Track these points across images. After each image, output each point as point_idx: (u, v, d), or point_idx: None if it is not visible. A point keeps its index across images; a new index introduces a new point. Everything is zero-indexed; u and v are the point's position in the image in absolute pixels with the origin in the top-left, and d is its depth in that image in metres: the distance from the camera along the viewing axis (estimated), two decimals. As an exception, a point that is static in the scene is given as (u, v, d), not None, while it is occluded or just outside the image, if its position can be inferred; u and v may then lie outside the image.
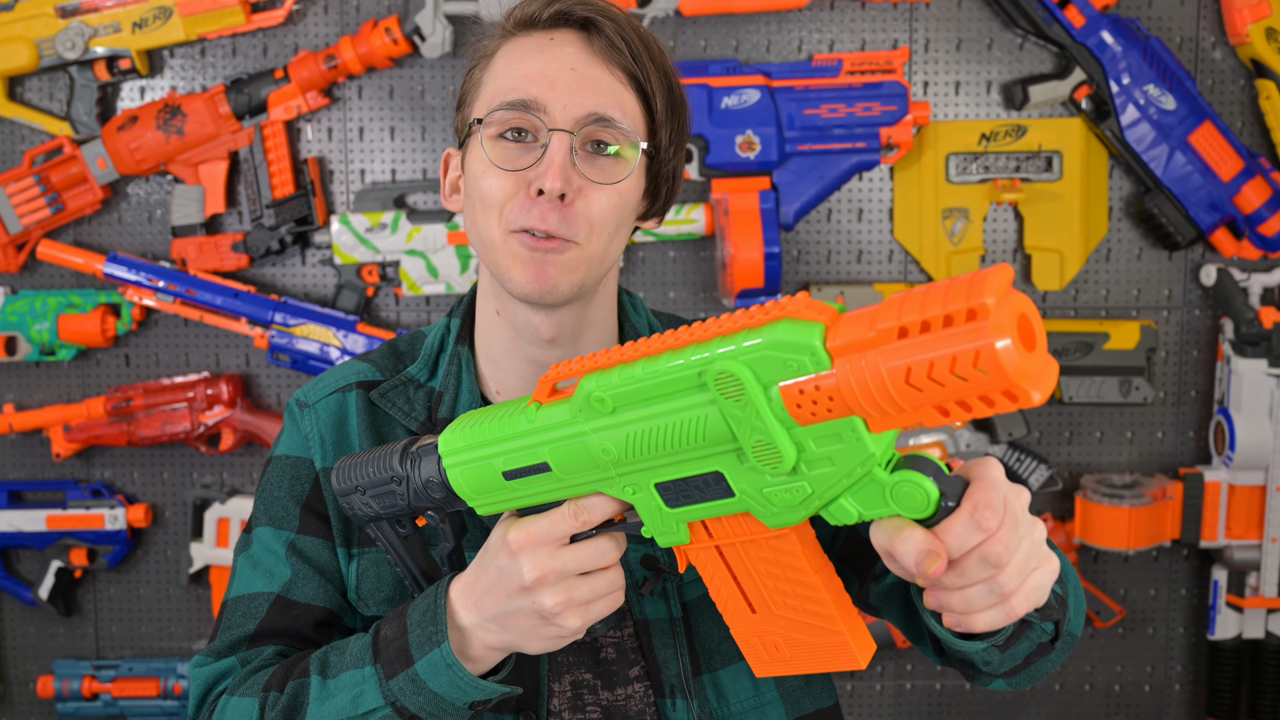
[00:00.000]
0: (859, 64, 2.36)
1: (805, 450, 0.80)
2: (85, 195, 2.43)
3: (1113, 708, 2.61)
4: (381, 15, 2.41)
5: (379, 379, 1.19)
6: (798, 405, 0.78)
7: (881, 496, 0.80)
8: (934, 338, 0.70)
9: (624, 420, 0.86)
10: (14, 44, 2.38)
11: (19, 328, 2.46)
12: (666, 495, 0.89)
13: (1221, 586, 2.46)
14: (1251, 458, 2.37)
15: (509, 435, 0.92)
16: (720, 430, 0.82)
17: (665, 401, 0.84)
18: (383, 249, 2.41)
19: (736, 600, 0.92)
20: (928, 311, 0.70)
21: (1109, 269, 2.50)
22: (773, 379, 0.78)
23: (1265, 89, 2.37)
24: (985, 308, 0.68)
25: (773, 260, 2.31)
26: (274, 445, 1.22)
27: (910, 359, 0.71)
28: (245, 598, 1.15)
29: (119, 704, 2.54)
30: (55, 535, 2.51)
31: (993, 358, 0.68)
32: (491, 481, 0.95)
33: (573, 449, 0.89)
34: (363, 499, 1.02)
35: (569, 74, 1.06)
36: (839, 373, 0.75)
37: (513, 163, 1.07)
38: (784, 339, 0.77)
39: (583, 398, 0.87)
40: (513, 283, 1.08)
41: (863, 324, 0.75)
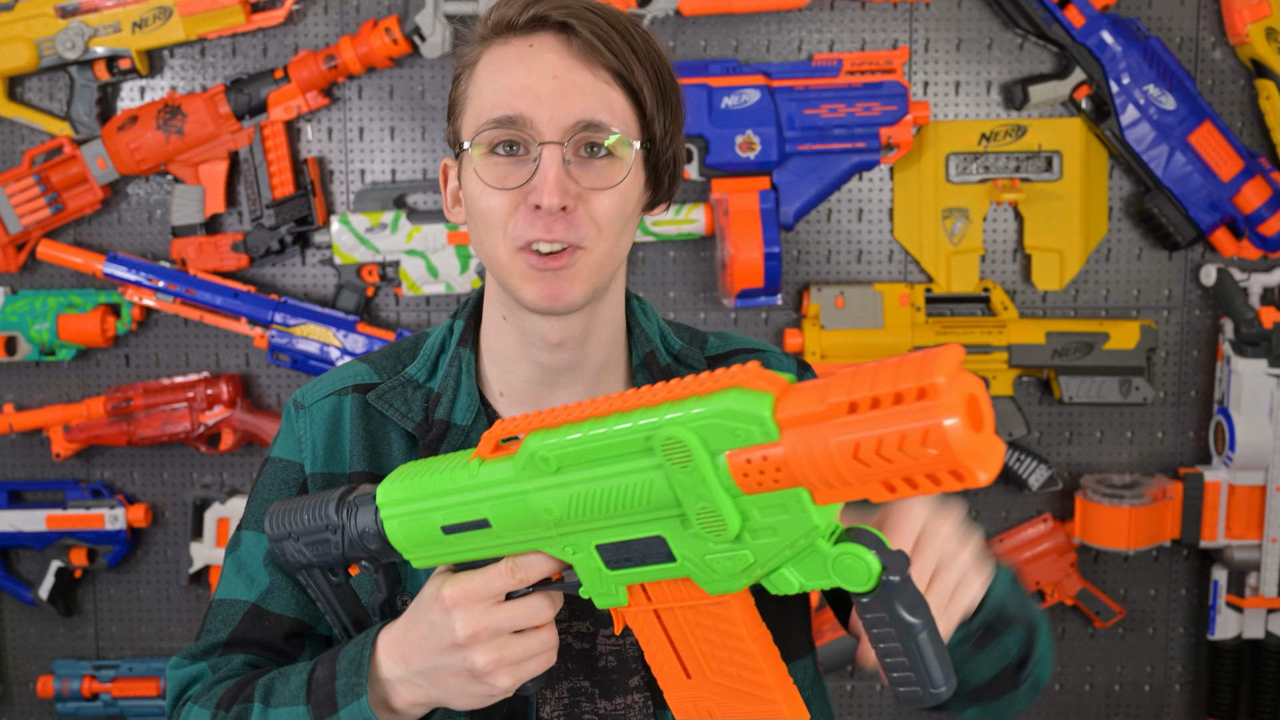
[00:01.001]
0: (859, 64, 2.36)
1: (749, 519, 0.80)
2: (85, 195, 2.43)
3: (1113, 708, 2.61)
4: (381, 15, 2.41)
5: (376, 381, 1.18)
6: (744, 475, 0.78)
7: (824, 568, 0.80)
8: (884, 414, 0.71)
9: (568, 481, 0.86)
10: (14, 44, 2.38)
11: (19, 328, 2.46)
12: (607, 557, 0.88)
13: (1221, 586, 2.46)
14: (1251, 458, 2.37)
15: (450, 490, 0.92)
16: (665, 495, 0.82)
17: (611, 464, 0.84)
18: (383, 249, 2.41)
19: (672, 664, 0.92)
20: (879, 388, 0.71)
21: (1109, 269, 2.50)
22: (720, 447, 0.78)
23: (1265, 89, 2.37)
24: (935, 387, 0.69)
25: (773, 260, 2.31)
26: (271, 446, 1.21)
27: (859, 434, 0.72)
28: (226, 603, 1.16)
29: (119, 704, 2.54)
30: (55, 535, 2.51)
31: (941, 437, 0.69)
32: (429, 535, 0.94)
33: (514, 507, 0.89)
34: (295, 546, 1.01)
35: (552, 83, 1.04)
36: (787, 444, 0.75)
37: (508, 180, 1.05)
38: (733, 408, 0.77)
39: (527, 456, 0.87)
40: (524, 298, 1.07)
41: (813, 397, 0.75)
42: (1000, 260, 2.49)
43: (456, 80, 1.12)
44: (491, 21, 1.09)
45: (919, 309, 2.43)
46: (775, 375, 0.79)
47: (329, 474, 1.15)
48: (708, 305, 2.50)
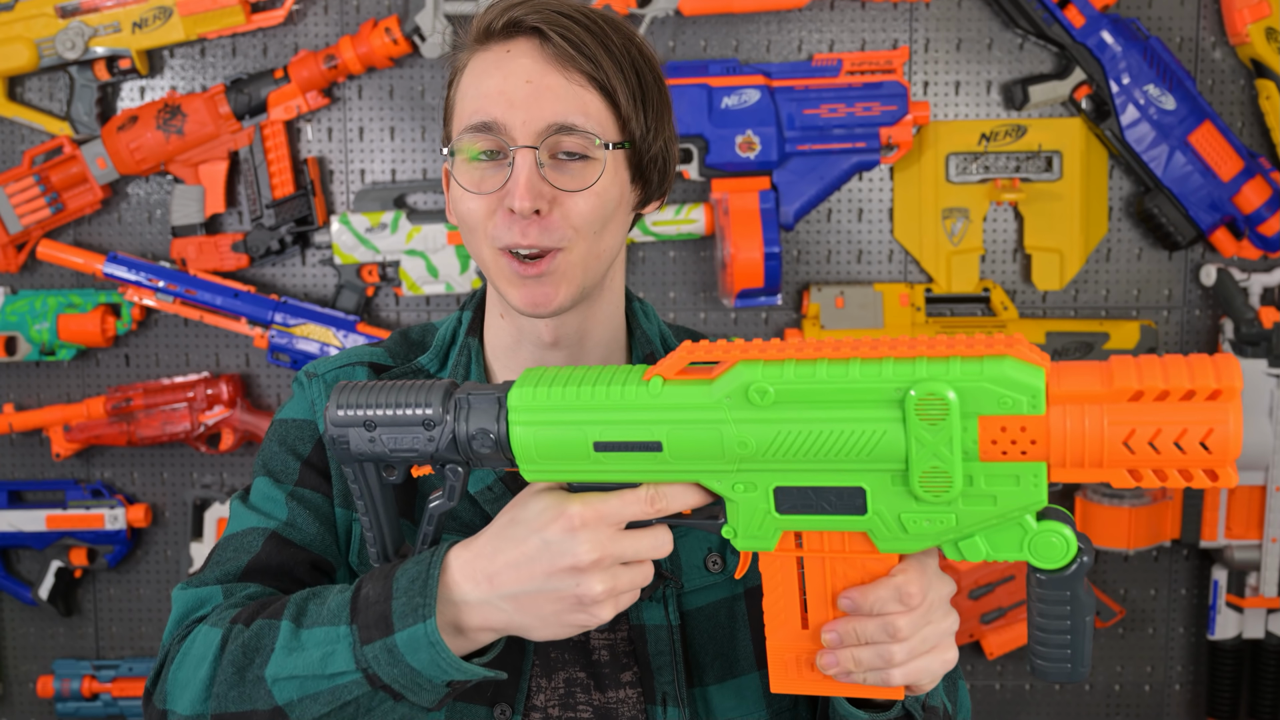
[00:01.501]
0: (859, 64, 2.36)
1: (973, 484, 0.79)
2: (85, 195, 2.43)
3: (1113, 708, 2.61)
4: (381, 15, 2.41)
5: (389, 364, 1.18)
6: (992, 441, 0.77)
7: (1019, 541, 0.80)
8: (1170, 407, 0.72)
9: (782, 417, 0.81)
10: (14, 44, 2.38)
11: (19, 328, 2.46)
12: (783, 500, 0.84)
13: (1221, 586, 2.46)
14: (1251, 458, 2.37)
15: (618, 405, 0.85)
16: (895, 449, 0.80)
17: (843, 409, 0.80)
18: (383, 249, 2.41)
19: (792, 612, 0.89)
20: (1171, 382, 0.72)
21: (1109, 269, 2.50)
22: (978, 410, 0.77)
23: (1265, 89, 2.37)
24: (1232, 390, 0.71)
25: (773, 260, 2.31)
26: (278, 413, 1.20)
27: (1138, 423, 0.73)
28: (237, 535, 1.10)
29: (119, 704, 2.54)
30: (55, 535, 2.51)
31: (1223, 438, 0.71)
32: (574, 450, 0.87)
33: (701, 434, 0.83)
34: (365, 434, 0.92)
35: (525, 88, 1.05)
36: (1052, 418, 0.75)
37: (484, 184, 1.07)
38: (1010, 375, 0.76)
39: (738, 385, 0.82)
40: (512, 302, 1.08)
41: (1094, 378, 0.75)
42: (1000, 260, 2.49)
43: (449, 85, 1.15)
44: (474, 29, 1.11)
45: (919, 309, 2.43)
46: (1040, 351, 0.79)
47: None
48: (708, 305, 2.50)
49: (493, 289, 1.15)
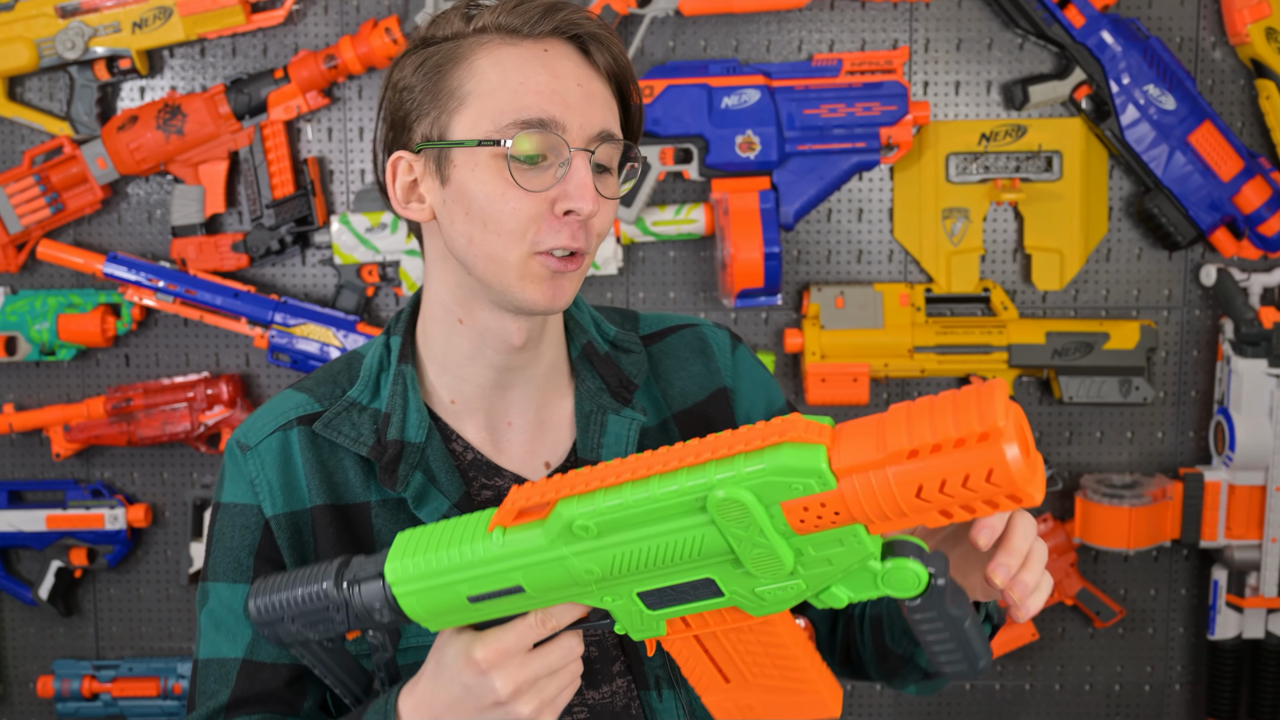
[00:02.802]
0: (859, 64, 2.36)
1: (804, 555, 0.83)
2: (85, 195, 2.43)
3: (1113, 708, 2.61)
4: (381, 15, 2.41)
5: (318, 409, 1.14)
6: (800, 520, 0.81)
7: (873, 582, 0.84)
8: (947, 458, 0.75)
9: (611, 542, 0.86)
10: (14, 44, 2.38)
11: (19, 328, 2.46)
12: (649, 600, 0.89)
13: (1221, 586, 2.46)
14: (1251, 458, 2.37)
15: (474, 561, 0.91)
16: (717, 546, 0.84)
17: (657, 524, 0.85)
18: (383, 249, 2.41)
19: (710, 675, 0.94)
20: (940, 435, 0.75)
21: (1109, 269, 2.50)
22: (776, 499, 0.80)
23: (1265, 89, 2.37)
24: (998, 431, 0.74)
25: (773, 260, 2.30)
26: (218, 490, 1.16)
27: (923, 477, 0.76)
28: (214, 662, 1.13)
29: (119, 704, 2.54)
30: (55, 535, 2.51)
31: (1005, 472, 0.74)
32: (453, 605, 0.93)
33: (551, 571, 0.89)
34: (291, 627, 0.99)
35: (577, 90, 1.05)
36: (845, 490, 0.79)
37: (534, 182, 1.03)
38: (789, 464, 0.79)
39: (563, 524, 0.87)
40: (524, 300, 1.06)
41: (869, 444, 0.78)
42: (1000, 260, 2.49)
43: (428, 71, 1.07)
44: (495, 24, 1.06)
45: (919, 309, 2.43)
46: (819, 425, 0.81)
47: (291, 513, 1.12)
48: (708, 305, 2.50)
49: (454, 296, 1.12)
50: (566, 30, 1.06)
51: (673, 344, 1.22)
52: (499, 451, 1.16)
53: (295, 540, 1.11)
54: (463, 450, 1.15)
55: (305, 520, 1.11)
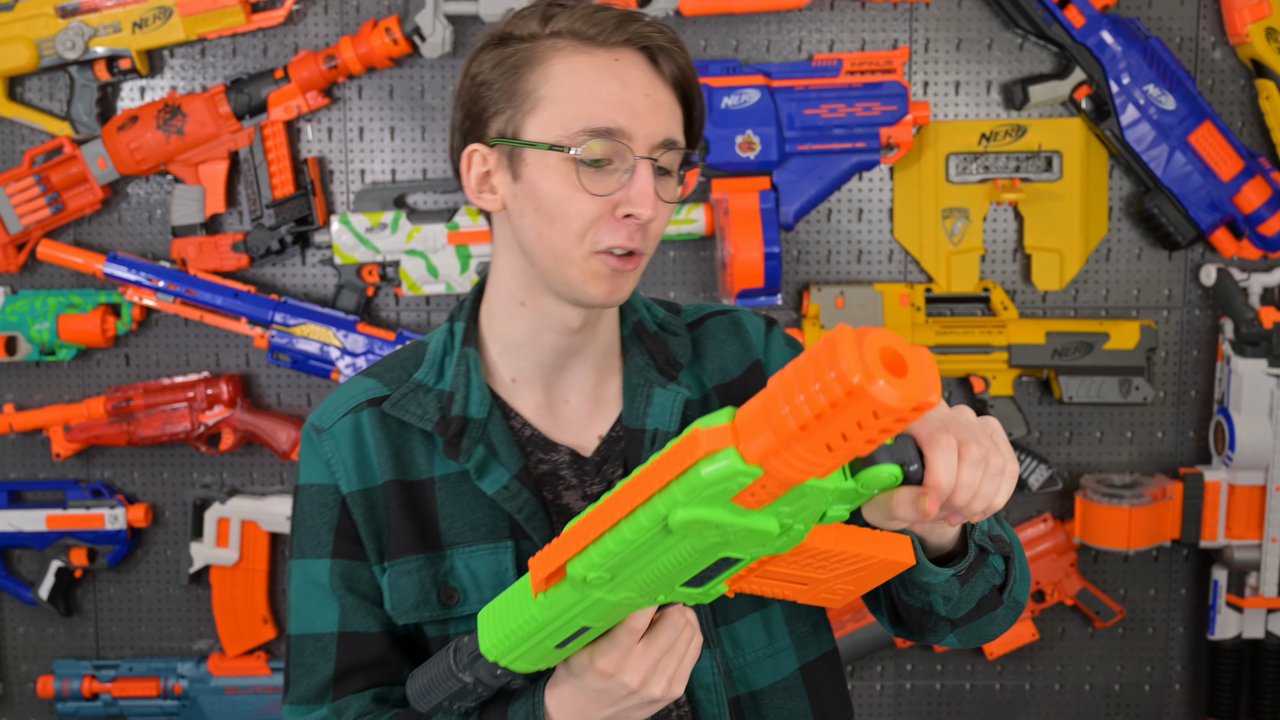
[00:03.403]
0: (859, 64, 2.36)
1: (782, 513, 0.88)
2: (85, 195, 2.43)
3: (1113, 708, 2.61)
4: (381, 15, 2.41)
5: (386, 393, 1.22)
6: (754, 498, 0.86)
7: (857, 496, 0.91)
8: (834, 419, 0.78)
9: (626, 577, 0.94)
10: (14, 44, 2.38)
11: (19, 328, 2.46)
12: (692, 584, 0.97)
13: (1221, 586, 2.46)
14: (1251, 458, 2.37)
15: (542, 624, 1.01)
16: (709, 543, 0.90)
17: (650, 552, 0.91)
18: (383, 249, 2.41)
19: (788, 589, 1.02)
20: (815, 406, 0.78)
21: (1109, 269, 2.50)
22: (725, 500, 0.86)
23: (1265, 89, 2.37)
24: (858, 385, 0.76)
25: (773, 260, 2.30)
26: (298, 474, 1.25)
27: (824, 437, 0.79)
28: (310, 637, 1.20)
29: (119, 704, 2.54)
30: (55, 535, 2.51)
31: (887, 407, 0.76)
32: (548, 653, 1.04)
33: (596, 609, 0.98)
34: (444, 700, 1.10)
35: (644, 100, 1.12)
36: (770, 469, 0.83)
37: (599, 187, 1.11)
38: (714, 477, 0.84)
39: (579, 580, 0.95)
40: (585, 295, 1.14)
41: (765, 429, 0.81)
42: (1000, 260, 2.49)
43: (507, 69, 1.14)
44: (569, 30, 1.12)
45: (919, 309, 2.43)
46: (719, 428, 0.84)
47: (365, 489, 1.19)
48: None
49: (518, 280, 1.19)
50: (637, 41, 1.13)
51: (711, 327, 1.30)
52: (556, 427, 1.22)
53: (369, 514, 1.18)
54: (521, 426, 1.22)
55: (378, 495, 1.18)
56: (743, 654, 1.22)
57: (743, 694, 1.22)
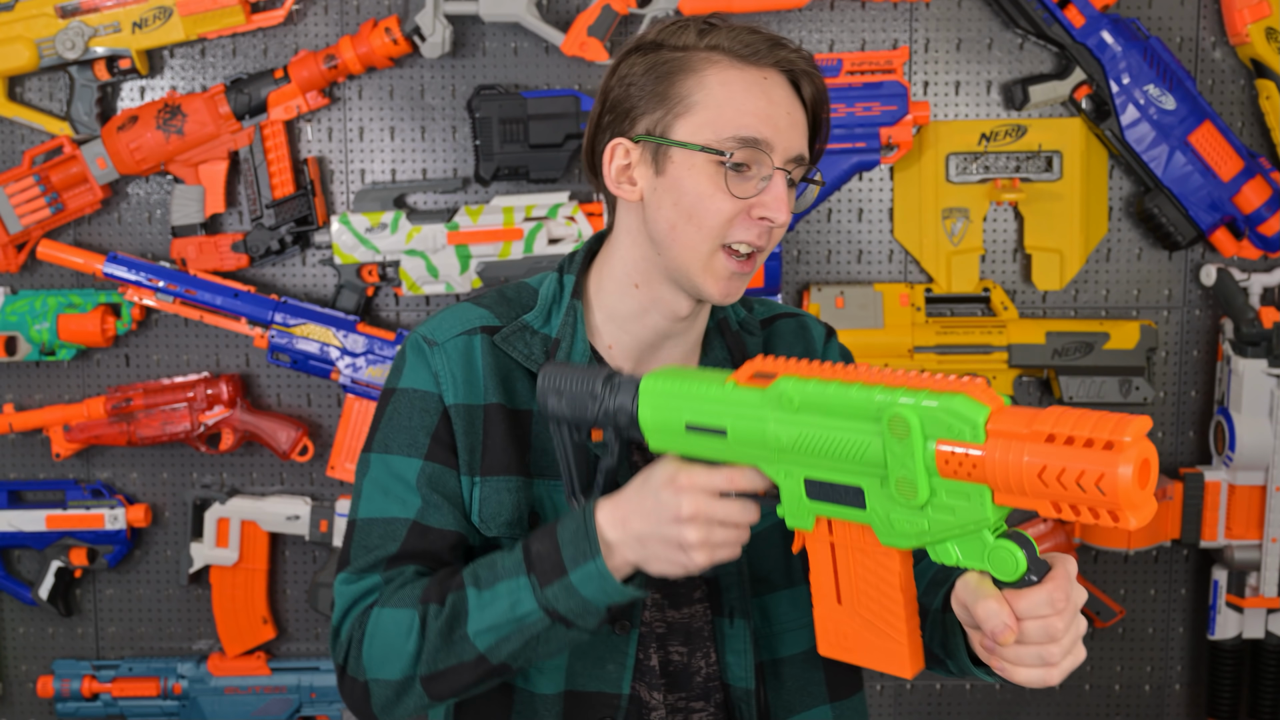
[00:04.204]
0: (859, 64, 2.36)
1: (936, 496, 0.97)
2: (85, 195, 2.43)
3: (1113, 708, 2.61)
4: (381, 15, 2.41)
5: (498, 324, 1.31)
6: (945, 461, 0.95)
7: (982, 553, 0.97)
8: (1074, 451, 0.88)
9: (803, 421, 1.03)
10: (14, 44, 2.38)
11: (19, 328, 2.46)
12: (810, 490, 1.05)
13: (1221, 586, 2.46)
14: (1251, 458, 2.37)
15: (704, 397, 1.10)
16: (876, 456, 0.99)
17: (842, 419, 1.01)
18: (383, 249, 2.41)
19: (830, 588, 1.09)
20: (1078, 431, 0.89)
21: (1109, 269, 2.50)
22: (935, 435, 0.95)
23: (1265, 89, 2.37)
24: (1122, 444, 0.87)
25: (773, 260, 2.31)
26: (394, 377, 1.31)
27: (1048, 460, 0.89)
28: (380, 521, 1.26)
29: (119, 704, 2.54)
30: (55, 535, 2.51)
31: (1112, 483, 0.86)
32: (673, 427, 1.12)
33: (752, 427, 1.06)
34: (558, 400, 1.19)
35: (786, 117, 1.23)
36: (988, 449, 0.92)
37: (741, 190, 1.21)
38: (957, 409, 0.94)
39: (777, 392, 1.05)
40: (704, 289, 1.25)
41: (1022, 421, 0.92)
42: (1000, 260, 2.49)
43: (660, 73, 1.23)
44: (726, 47, 1.23)
45: (919, 309, 2.43)
46: (995, 394, 0.96)
47: (469, 405, 1.27)
48: (708, 305, 2.49)
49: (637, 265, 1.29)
50: (784, 66, 1.24)
51: (781, 328, 1.42)
52: None
53: (469, 428, 1.27)
54: None
55: (479, 414, 1.27)
56: (769, 625, 1.31)
57: (765, 660, 1.32)
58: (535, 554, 1.17)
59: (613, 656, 1.28)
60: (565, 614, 1.15)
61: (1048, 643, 0.99)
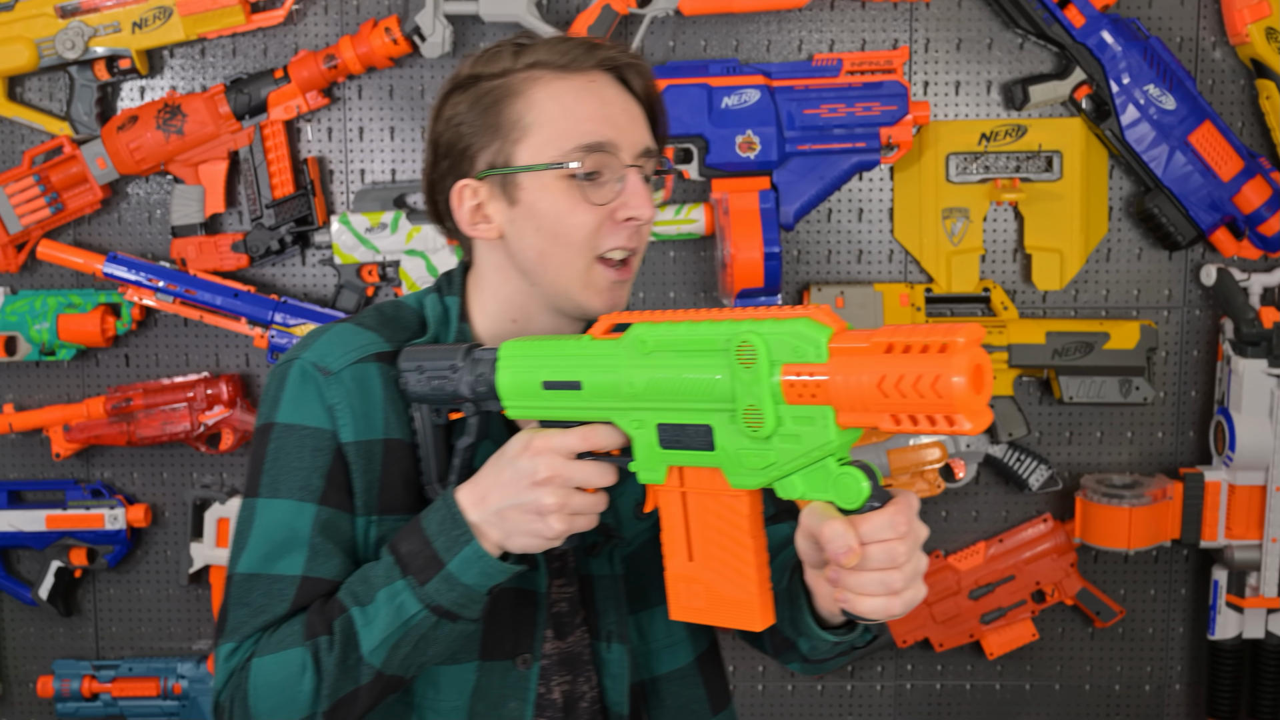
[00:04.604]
0: (859, 64, 2.36)
1: (783, 424, 0.99)
2: (85, 195, 2.43)
3: (1113, 708, 2.61)
4: (381, 15, 2.41)
5: (390, 349, 1.25)
6: (790, 385, 0.97)
7: (826, 482, 0.99)
8: (909, 359, 0.90)
9: (655, 363, 1.05)
10: (14, 44, 2.38)
11: (19, 328, 2.46)
12: (662, 436, 1.07)
13: (1221, 586, 2.46)
14: (1251, 458, 2.37)
15: (558, 353, 1.11)
16: (725, 390, 1.01)
17: (692, 358, 1.03)
18: (382, 249, 2.41)
19: (681, 544, 1.10)
20: (912, 339, 0.91)
21: (1109, 269, 2.50)
22: (780, 359, 0.97)
23: (1265, 89, 2.37)
24: (955, 345, 0.89)
25: (773, 260, 2.30)
26: (277, 410, 1.21)
27: (886, 370, 0.91)
28: (265, 578, 1.18)
29: (119, 704, 2.54)
30: (55, 535, 2.51)
31: (947, 386, 0.88)
32: (530, 388, 1.13)
33: (605, 376, 1.08)
34: (418, 377, 1.19)
35: (623, 114, 1.21)
36: (830, 368, 0.94)
37: (599, 197, 1.20)
38: (800, 330, 0.96)
39: (630, 338, 1.07)
40: (588, 305, 1.22)
41: (861, 336, 0.94)
42: (1000, 260, 2.49)
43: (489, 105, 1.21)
44: (544, 61, 1.20)
45: (919, 309, 2.43)
46: (838, 318, 0.97)
47: (367, 441, 1.20)
48: (708, 304, 2.50)
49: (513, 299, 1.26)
50: (607, 64, 1.22)
51: None
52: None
53: (367, 466, 1.21)
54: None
55: (378, 449, 1.21)
56: (646, 643, 1.31)
57: (646, 680, 1.31)
58: (406, 554, 1.14)
59: (514, 693, 1.25)
60: (449, 607, 1.13)
61: (889, 568, 0.99)
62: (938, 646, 2.53)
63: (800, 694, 2.60)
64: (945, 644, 2.53)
